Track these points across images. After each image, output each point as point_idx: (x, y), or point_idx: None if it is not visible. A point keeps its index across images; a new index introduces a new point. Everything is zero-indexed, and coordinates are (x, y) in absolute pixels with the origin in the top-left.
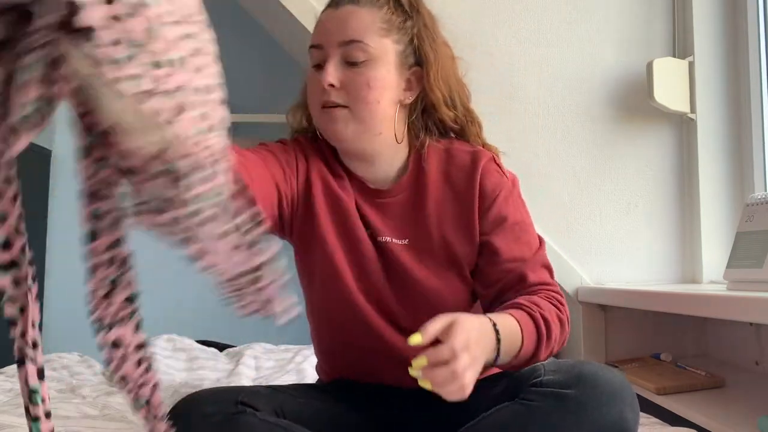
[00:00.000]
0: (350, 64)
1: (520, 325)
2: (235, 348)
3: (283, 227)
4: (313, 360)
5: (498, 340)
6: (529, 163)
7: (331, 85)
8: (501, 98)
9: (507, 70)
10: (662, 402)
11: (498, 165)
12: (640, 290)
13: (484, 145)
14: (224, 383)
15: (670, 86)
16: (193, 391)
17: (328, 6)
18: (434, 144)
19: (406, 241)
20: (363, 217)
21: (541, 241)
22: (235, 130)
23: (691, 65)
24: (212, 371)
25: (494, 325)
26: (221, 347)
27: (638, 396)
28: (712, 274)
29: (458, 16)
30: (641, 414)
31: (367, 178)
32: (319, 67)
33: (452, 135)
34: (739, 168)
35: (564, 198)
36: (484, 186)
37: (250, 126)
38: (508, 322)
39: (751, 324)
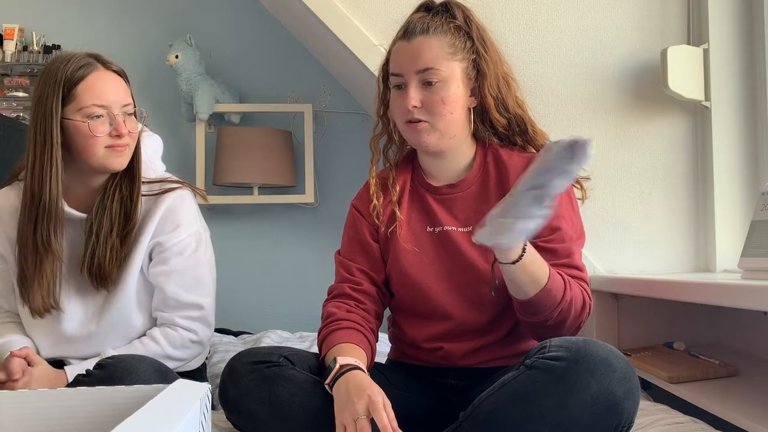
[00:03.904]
0: (426, 84)
1: (549, 272)
2: (252, 335)
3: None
4: None
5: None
6: None
7: (414, 106)
8: None
9: (520, 59)
10: (675, 390)
11: None
12: (653, 279)
13: None
14: None
15: (684, 74)
16: None
17: (402, 38)
18: (497, 147)
19: (469, 228)
20: (431, 210)
21: (574, 238)
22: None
23: (706, 53)
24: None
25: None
26: (236, 333)
27: (651, 384)
28: (726, 263)
29: (470, 4)
30: (652, 403)
31: (439, 173)
32: (399, 88)
33: (517, 144)
34: (754, 156)
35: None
36: None
37: (262, 115)
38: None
39: (765, 313)
